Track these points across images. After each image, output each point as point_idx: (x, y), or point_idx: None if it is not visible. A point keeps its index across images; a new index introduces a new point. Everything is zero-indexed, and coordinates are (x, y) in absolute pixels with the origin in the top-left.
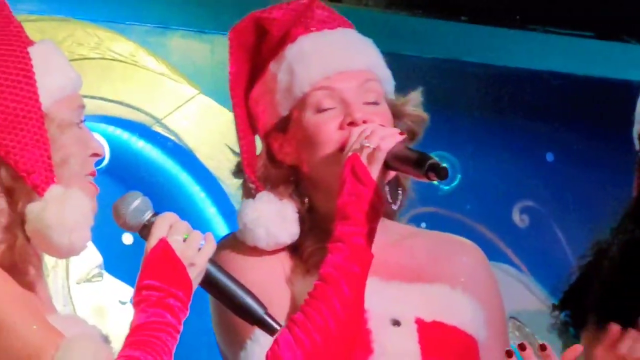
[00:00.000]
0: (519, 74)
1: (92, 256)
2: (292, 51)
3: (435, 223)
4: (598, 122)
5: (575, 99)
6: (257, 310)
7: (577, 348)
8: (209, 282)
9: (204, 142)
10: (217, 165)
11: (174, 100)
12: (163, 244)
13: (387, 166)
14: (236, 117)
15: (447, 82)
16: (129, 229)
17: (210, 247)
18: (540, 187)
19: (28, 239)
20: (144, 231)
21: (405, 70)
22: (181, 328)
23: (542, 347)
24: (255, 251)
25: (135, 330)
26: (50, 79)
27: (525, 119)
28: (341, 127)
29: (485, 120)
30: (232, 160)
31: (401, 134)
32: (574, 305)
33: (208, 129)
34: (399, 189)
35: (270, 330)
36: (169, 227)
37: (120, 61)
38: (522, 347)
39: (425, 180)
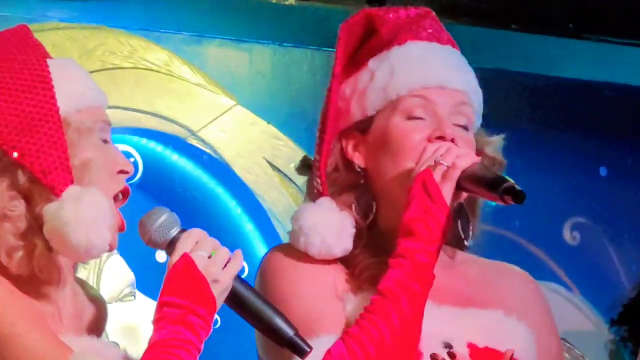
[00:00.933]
0: (571, 84)
1: (124, 275)
2: (397, 52)
3: (484, 240)
4: None
5: (629, 110)
6: (287, 332)
7: None
8: (235, 300)
9: (240, 155)
10: (255, 179)
11: (210, 111)
12: (186, 259)
13: (459, 187)
14: (324, 113)
15: (496, 93)
16: (154, 245)
17: (237, 264)
18: (592, 203)
19: (49, 249)
20: (170, 248)
21: None
22: (202, 347)
23: None
24: (307, 259)
25: (152, 347)
26: (70, 87)
27: (578, 132)
28: (429, 140)
29: (535, 132)
30: (269, 174)
31: (477, 154)
32: (633, 320)
33: (245, 141)
34: (470, 223)
35: (299, 352)
36: (194, 244)
37: (154, 71)
38: None
39: (500, 203)
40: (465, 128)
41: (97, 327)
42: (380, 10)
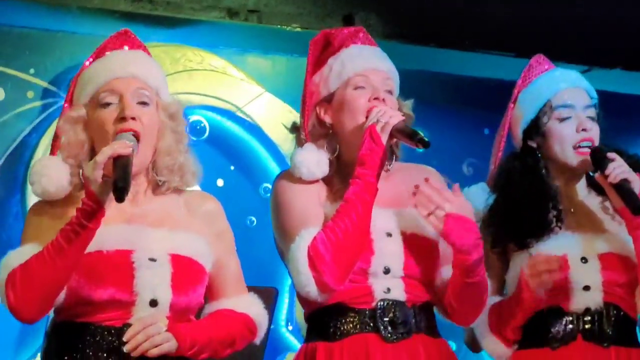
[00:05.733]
0: (466, 78)
1: None
2: (345, 52)
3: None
4: None
5: (504, 93)
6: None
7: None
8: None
9: (268, 122)
10: (277, 136)
11: (249, 95)
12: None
13: (391, 135)
14: (303, 96)
15: (421, 84)
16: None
17: (99, 159)
18: (480, 150)
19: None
20: None
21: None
22: (80, 218)
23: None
24: (300, 181)
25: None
26: (83, 85)
27: (472, 106)
28: (369, 100)
29: (447, 105)
30: (285, 132)
31: (402, 116)
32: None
33: (270, 114)
34: (394, 155)
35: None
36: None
37: (216, 71)
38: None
39: (415, 147)
40: (390, 92)
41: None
42: (332, 30)
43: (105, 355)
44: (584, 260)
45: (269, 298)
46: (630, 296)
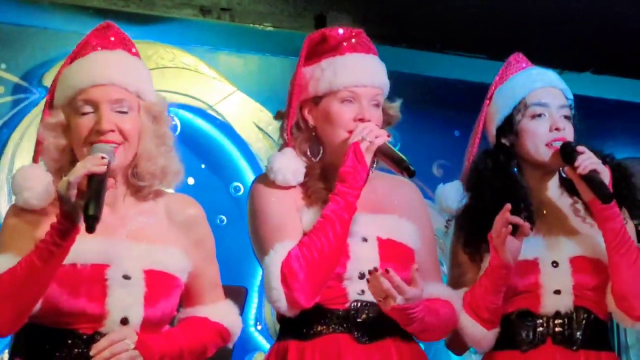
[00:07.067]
0: (438, 79)
1: None
2: (339, 61)
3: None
4: None
5: (475, 95)
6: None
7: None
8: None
9: (239, 120)
10: (248, 135)
11: (220, 93)
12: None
13: (375, 155)
14: (292, 84)
15: (398, 84)
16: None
17: (72, 179)
18: (450, 151)
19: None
20: None
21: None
22: (54, 237)
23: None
24: (275, 186)
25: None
26: (62, 86)
27: (443, 108)
28: (354, 119)
29: (419, 106)
30: (257, 132)
31: (388, 135)
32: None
33: (242, 112)
34: (374, 164)
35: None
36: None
37: (188, 69)
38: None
39: (398, 173)
40: (377, 106)
41: None
42: (330, 29)
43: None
44: (555, 264)
45: (239, 297)
46: (602, 299)
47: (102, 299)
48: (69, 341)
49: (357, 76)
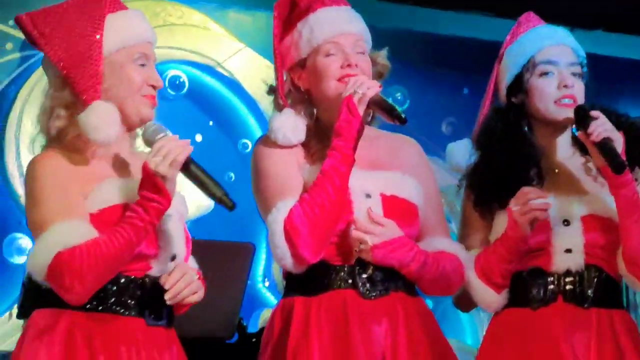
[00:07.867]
0: (449, 37)
1: None
2: (313, 17)
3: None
4: None
5: (485, 54)
6: (217, 192)
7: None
8: (188, 176)
9: (247, 77)
10: (256, 91)
11: (229, 50)
12: (144, 164)
13: (367, 107)
14: (275, 59)
15: (404, 43)
16: (147, 143)
17: (180, 158)
18: (459, 109)
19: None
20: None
21: None
22: (153, 217)
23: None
24: (277, 146)
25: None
26: (116, 34)
27: (453, 67)
28: (341, 67)
29: (429, 65)
30: (264, 88)
31: (379, 86)
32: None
33: (250, 69)
34: (369, 117)
35: (228, 207)
36: (157, 150)
37: (196, 26)
38: None
39: (391, 122)
40: (363, 53)
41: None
42: None
43: (132, 301)
44: (566, 222)
45: (247, 254)
46: (613, 257)
47: (154, 237)
48: (123, 282)
49: (333, 26)
